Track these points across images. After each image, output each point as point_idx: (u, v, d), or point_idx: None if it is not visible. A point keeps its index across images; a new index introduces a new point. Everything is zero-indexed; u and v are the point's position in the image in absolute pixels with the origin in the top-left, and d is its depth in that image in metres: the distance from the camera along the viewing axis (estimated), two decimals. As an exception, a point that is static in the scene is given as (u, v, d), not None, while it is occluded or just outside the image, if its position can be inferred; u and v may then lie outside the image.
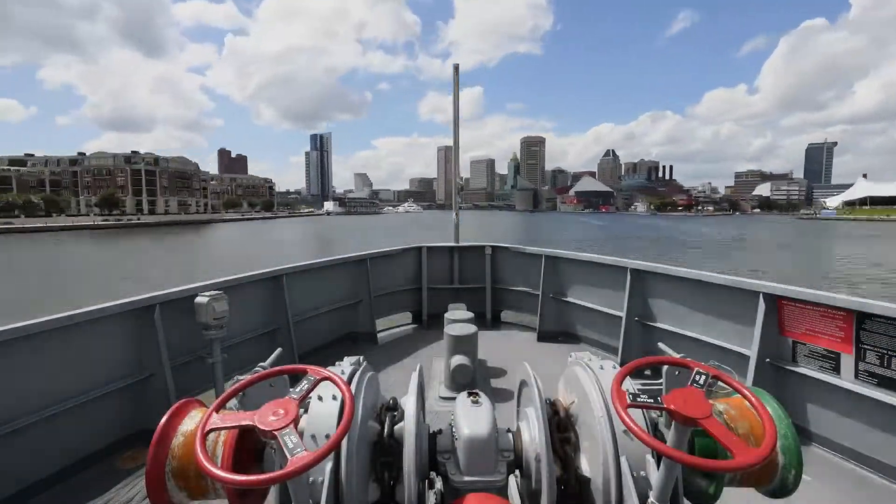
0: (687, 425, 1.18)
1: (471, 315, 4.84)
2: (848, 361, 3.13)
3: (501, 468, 1.53)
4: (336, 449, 1.24)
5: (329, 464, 1.36)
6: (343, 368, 1.72)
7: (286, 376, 1.48)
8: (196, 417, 1.39)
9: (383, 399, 1.76)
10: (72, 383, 3.05)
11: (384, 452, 1.55)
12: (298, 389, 1.25)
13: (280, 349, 2.05)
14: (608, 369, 1.67)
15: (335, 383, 1.29)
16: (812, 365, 3.35)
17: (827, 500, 2.75)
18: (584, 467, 1.56)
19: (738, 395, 1.32)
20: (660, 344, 2.19)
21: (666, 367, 1.54)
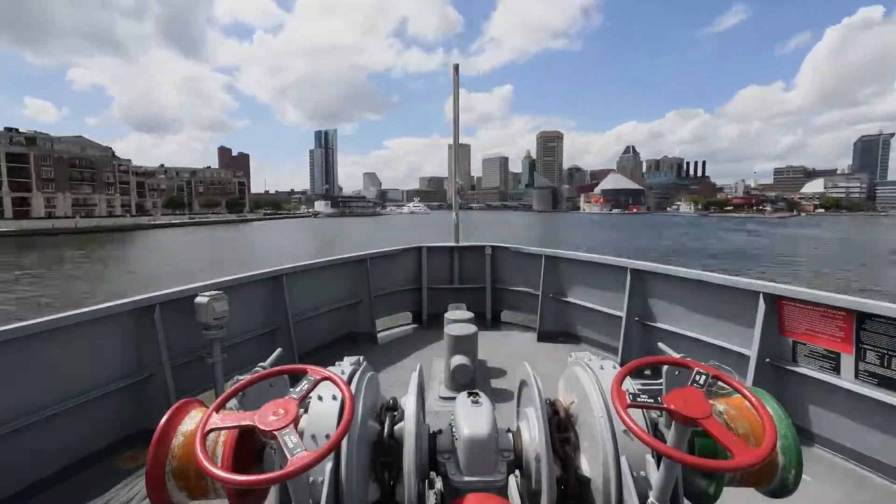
0: (687, 425, 1.18)
1: (471, 315, 4.84)
2: (848, 361, 3.13)
3: (501, 468, 1.53)
4: (336, 449, 1.24)
5: (329, 464, 1.36)
6: (343, 368, 1.72)
7: (286, 376, 1.48)
8: (196, 417, 1.39)
9: (383, 399, 1.76)
10: (72, 383, 3.05)
11: (384, 452, 1.55)
12: (298, 389, 1.25)
13: (280, 349, 2.05)
14: (608, 369, 1.67)
15: (335, 383, 1.29)
16: (812, 365, 3.35)
17: (827, 500, 2.75)
18: (584, 467, 1.56)
19: (738, 395, 1.32)
20: (660, 344, 2.19)
21: (666, 367, 1.54)
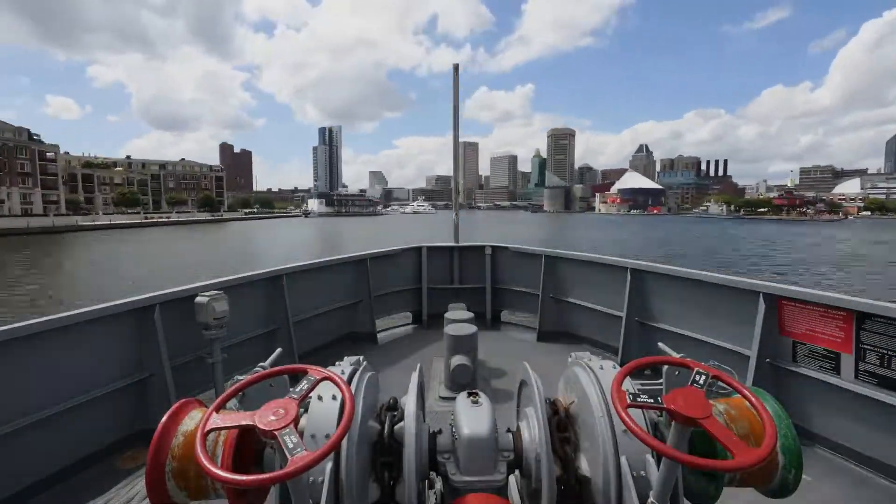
0: (687, 425, 1.18)
1: (471, 315, 4.84)
2: (848, 361, 3.13)
3: (501, 468, 1.53)
4: (336, 449, 1.24)
5: (329, 464, 1.36)
6: (343, 368, 1.72)
7: (286, 376, 1.48)
8: (196, 417, 1.39)
9: (383, 399, 1.76)
10: (72, 383, 3.04)
11: (384, 452, 1.55)
12: (298, 389, 1.25)
13: (280, 349, 2.05)
14: (608, 369, 1.67)
15: (335, 383, 1.29)
16: (812, 365, 3.35)
17: (827, 500, 2.75)
18: (584, 467, 1.56)
19: (738, 395, 1.32)
20: (660, 344, 2.19)
21: (666, 367, 1.54)
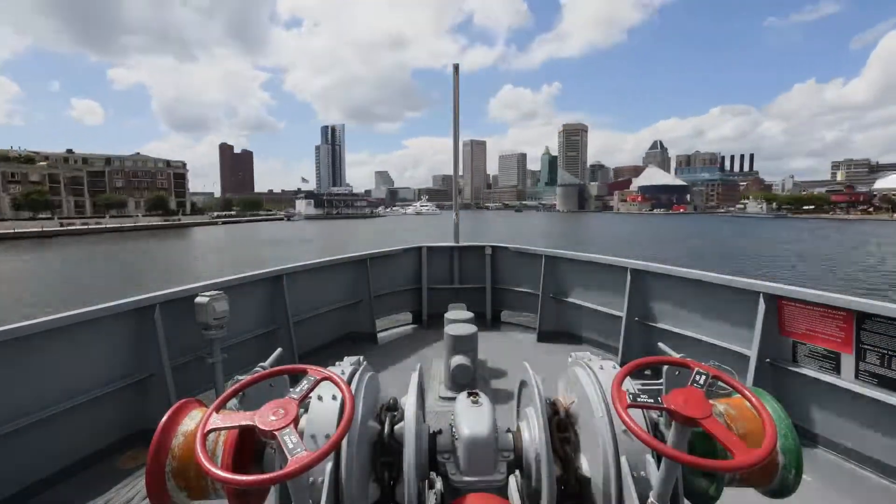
0: (687, 425, 1.18)
1: (471, 315, 4.83)
2: (848, 361, 3.13)
3: (501, 468, 1.53)
4: (336, 449, 1.24)
5: (329, 464, 1.36)
6: (343, 368, 1.72)
7: (286, 376, 1.48)
8: (196, 417, 1.39)
9: (383, 399, 1.76)
10: (72, 383, 3.04)
11: (384, 452, 1.55)
12: (298, 389, 1.25)
13: (280, 349, 2.05)
14: (608, 369, 1.67)
15: (335, 383, 1.29)
16: (812, 365, 3.35)
17: (827, 500, 2.75)
18: (584, 467, 1.56)
19: (739, 396, 1.32)
20: (660, 344, 2.19)
21: (666, 367, 1.54)
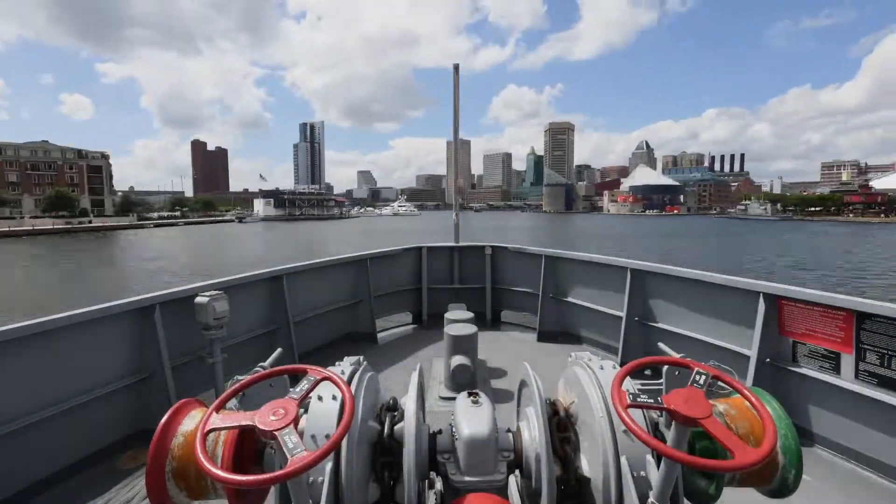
0: (687, 425, 1.18)
1: (471, 315, 4.83)
2: (848, 361, 3.13)
3: (501, 468, 1.53)
4: (336, 449, 1.24)
5: (329, 464, 1.36)
6: (343, 368, 1.72)
7: (286, 376, 1.48)
8: (196, 417, 1.39)
9: (383, 399, 1.76)
10: (72, 383, 3.04)
11: (384, 452, 1.55)
12: (298, 389, 1.25)
13: (280, 349, 2.05)
14: (608, 369, 1.67)
15: (335, 383, 1.29)
16: (812, 365, 3.35)
17: (827, 500, 2.75)
18: (584, 467, 1.56)
19: (739, 395, 1.32)
20: (660, 344, 2.19)
21: (666, 367, 1.54)
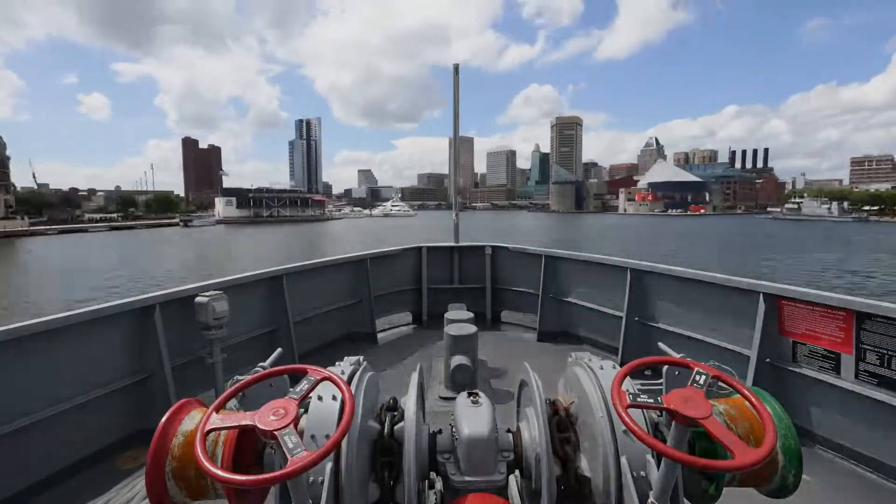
0: (687, 425, 1.18)
1: (471, 315, 4.83)
2: (848, 361, 3.13)
3: (501, 468, 1.53)
4: (336, 449, 1.24)
5: (329, 464, 1.36)
6: (343, 368, 1.72)
7: (286, 376, 1.48)
8: (196, 417, 1.39)
9: (383, 399, 1.76)
10: (72, 383, 3.05)
11: (384, 452, 1.55)
12: (298, 389, 1.25)
13: (280, 349, 2.05)
14: (608, 369, 1.67)
15: (335, 383, 1.29)
16: (812, 365, 3.35)
17: (827, 500, 2.75)
18: (584, 467, 1.56)
19: (739, 395, 1.32)
20: (660, 344, 2.19)
21: (666, 367, 1.54)
